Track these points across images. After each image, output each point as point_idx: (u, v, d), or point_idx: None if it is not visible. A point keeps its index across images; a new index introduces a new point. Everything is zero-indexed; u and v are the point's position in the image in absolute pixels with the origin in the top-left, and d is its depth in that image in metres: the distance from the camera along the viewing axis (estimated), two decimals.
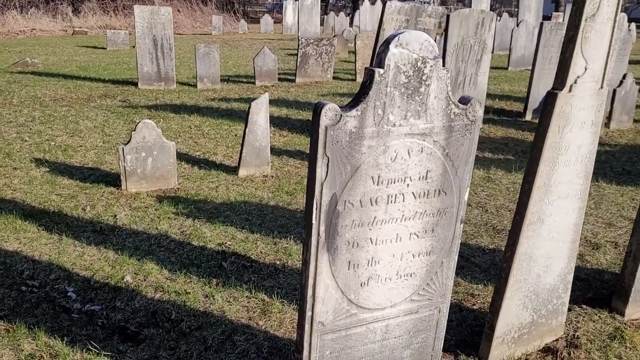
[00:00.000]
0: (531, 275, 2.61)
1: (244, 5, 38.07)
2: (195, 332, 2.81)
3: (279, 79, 10.52)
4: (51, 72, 11.14)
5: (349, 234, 1.98)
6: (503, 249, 3.82)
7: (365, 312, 2.13)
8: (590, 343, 2.84)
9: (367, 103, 1.83)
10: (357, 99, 1.85)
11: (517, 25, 13.18)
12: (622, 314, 3.09)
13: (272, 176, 5.21)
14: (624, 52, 8.91)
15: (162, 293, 3.16)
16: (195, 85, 9.86)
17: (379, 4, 20.74)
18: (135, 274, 3.36)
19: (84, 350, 2.60)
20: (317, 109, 1.79)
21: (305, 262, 1.98)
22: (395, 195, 2.01)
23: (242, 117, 7.38)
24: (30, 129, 6.51)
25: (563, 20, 21.58)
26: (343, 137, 1.83)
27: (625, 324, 3.04)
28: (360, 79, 11.03)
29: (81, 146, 5.84)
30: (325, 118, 1.79)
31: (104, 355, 2.58)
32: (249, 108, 4.98)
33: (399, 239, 2.09)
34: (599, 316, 3.09)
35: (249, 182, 5.02)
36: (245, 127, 5.04)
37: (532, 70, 7.92)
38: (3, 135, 6.23)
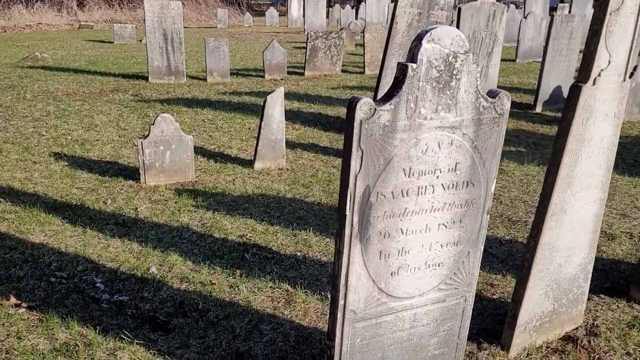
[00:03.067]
0: (553, 265, 2.67)
1: None
2: (223, 322, 2.87)
3: (288, 72, 10.55)
4: (61, 67, 11.21)
5: (381, 224, 2.03)
6: (519, 240, 3.89)
7: (395, 300, 2.19)
8: (610, 331, 2.90)
9: (400, 97, 1.88)
10: (390, 93, 1.90)
11: (525, 17, 13.16)
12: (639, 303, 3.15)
13: (288, 169, 5.27)
14: (636, 44, 8.88)
15: (187, 284, 3.23)
16: (205, 79, 9.91)
17: None
18: (160, 265, 3.43)
19: (117, 339, 2.68)
20: (351, 104, 1.84)
21: (339, 252, 2.04)
22: (426, 186, 2.06)
23: (255, 110, 7.45)
24: (47, 123, 6.58)
25: (570, 12, 21.49)
26: (377, 131, 1.88)
27: None
28: (369, 71, 11.07)
29: (98, 140, 5.91)
30: (360, 112, 1.84)
31: (137, 343, 2.65)
32: (265, 102, 5.03)
33: (428, 229, 2.14)
34: (617, 305, 3.14)
35: (265, 175, 5.08)
36: (261, 120, 5.09)
37: (543, 63, 7.93)
38: (20, 129, 6.30)
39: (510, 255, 3.68)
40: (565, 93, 2.61)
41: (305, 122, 6.85)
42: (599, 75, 2.34)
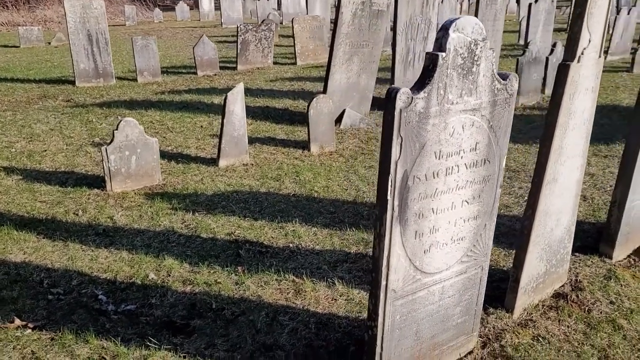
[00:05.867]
0: (547, 229, 2.92)
1: None
2: (241, 318, 2.91)
3: (220, 68, 10.42)
4: None
5: (417, 206, 2.16)
6: (505, 214, 4.16)
7: (427, 276, 2.33)
8: (592, 285, 3.20)
9: (432, 85, 2.00)
10: (422, 81, 2.02)
11: (442, 1, 13.72)
12: (610, 257, 3.49)
13: (252, 164, 5.28)
14: (549, 22, 9.59)
15: (192, 286, 3.22)
16: (135, 80, 9.60)
17: None
18: (157, 270, 3.39)
19: (142, 348, 2.65)
20: (391, 94, 1.95)
21: (380, 236, 2.15)
22: (452, 167, 2.21)
23: (201, 108, 7.36)
24: None
25: None
26: (413, 118, 2.00)
27: (615, 265, 3.43)
28: (300, 62, 11.14)
29: (45, 150, 5.62)
30: (400, 101, 1.94)
31: (164, 349, 2.64)
32: (225, 99, 5.01)
33: (453, 207, 2.30)
34: (592, 261, 3.47)
35: (231, 172, 5.07)
36: (223, 117, 5.06)
37: None
38: None
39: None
40: None
41: (255, 117, 6.86)
42: (582, 53, 2.58)
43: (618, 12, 10.71)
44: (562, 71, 2.57)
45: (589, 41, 2.59)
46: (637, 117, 3.22)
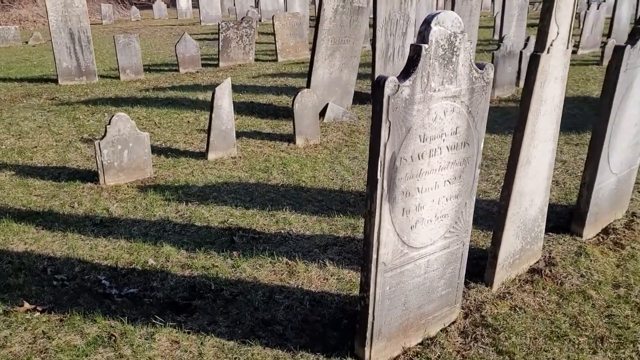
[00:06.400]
0: (521, 208, 3.15)
1: None
2: (239, 297, 3.09)
3: (202, 65, 10.53)
4: None
5: (403, 185, 2.37)
6: (483, 199, 4.40)
7: (413, 250, 2.55)
8: (564, 261, 3.46)
9: (416, 73, 2.21)
10: (407, 70, 2.23)
11: None
12: (581, 235, 3.75)
13: (240, 157, 5.45)
14: (522, 17, 9.90)
15: (190, 270, 3.39)
16: (117, 77, 9.65)
17: None
18: (155, 256, 3.55)
19: (149, 325, 2.82)
20: (379, 82, 2.15)
21: (370, 213, 2.35)
22: (435, 149, 2.42)
23: (186, 104, 7.49)
24: None
25: None
26: (400, 104, 2.20)
27: (585, 242, 3.69)
28: (281, 58, 11.30)
29: (36, 147, 5.71)
30: (388, 89, 2.15)
31: (169, 325, 2.81)
32: (213, 93, 5.16)
33: (437, 186, 2.51)
34: (564, 240, 3.72)
35: (220, 165, 5.24)
36: (211, 112, 5.22)
37: None
38: None
39: None
40: None
41: (240, 112, 7.01)
42: (551, 45, 2.81)
43: (588, 7, 11.10)
44: (533, 61, 2.80)
45: (557, 34, 2.83)
46: (602, 105, 3.47)
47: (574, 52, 11.13)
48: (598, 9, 10.77)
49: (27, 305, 2.98)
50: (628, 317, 2.94)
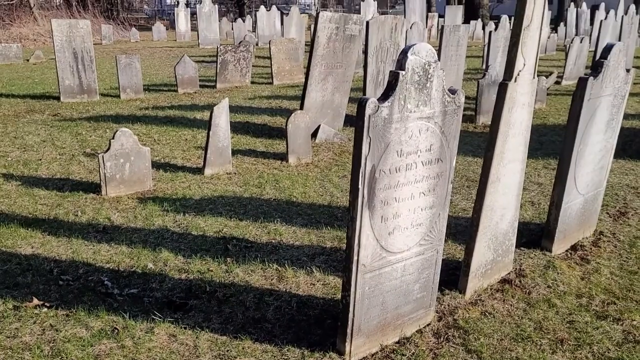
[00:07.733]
0: (492, 222, 3.45)
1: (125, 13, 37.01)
2: (232, 299, 3.35)
3: (200, 86, 10.89)
4: None
5: (382, 195, 2.66)
6: (462, 216, 4.69)
7: (391, 255, 2.83)
8: (533, 273, 3.74)
9: (394, 96, 2.52)
10: (387, 93, 2.54)
11: (410, 27, 14.48)
12: (550, 251, 4.04)
13: (235, 173, 5.74)
14: (507, 48, 10.31)
15: (186, 274, 3.65)
16: (118, 96, 9.98)
17: (274, 9, 21.44)
18: (154, 261, 3.81)
19: (149, 321, 3.07)
20: (362, 103, 2.46)
21: (352, 219, 2.64)
22: (411, 164, 2.72)
23: (184, 123, 7.80)
24: None
25: (440, 20, 23.73)
26: (380, 122, 2.51)
27: (554, 257, 3.99)
28: (277, 82, 11.68)
29: (40, 159, 5.99)
30: (369, 109, 2.46)
31: (167, 321, 3.06)
32: (212, 112, 5.48)
33: (412, 197, 2.81)
34: (535, 254, 4.01)
35: (216, 180, 5.52)
36: (209, 130, 5.53)
37: None
38: None
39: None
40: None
41: (236, 131, 7.32)
42: (518, 74, 3.15)
43: (572, 40, 11.58)
44: (502, 89, 3.13)
45: (524, 65, 3.16)
46: (568, 130, 3.80)
47: (557, 83, 11.58)
48: (581, 42, 11.26)
49: (35, 301, 3.23)
50: (587, 323, 3.22)
